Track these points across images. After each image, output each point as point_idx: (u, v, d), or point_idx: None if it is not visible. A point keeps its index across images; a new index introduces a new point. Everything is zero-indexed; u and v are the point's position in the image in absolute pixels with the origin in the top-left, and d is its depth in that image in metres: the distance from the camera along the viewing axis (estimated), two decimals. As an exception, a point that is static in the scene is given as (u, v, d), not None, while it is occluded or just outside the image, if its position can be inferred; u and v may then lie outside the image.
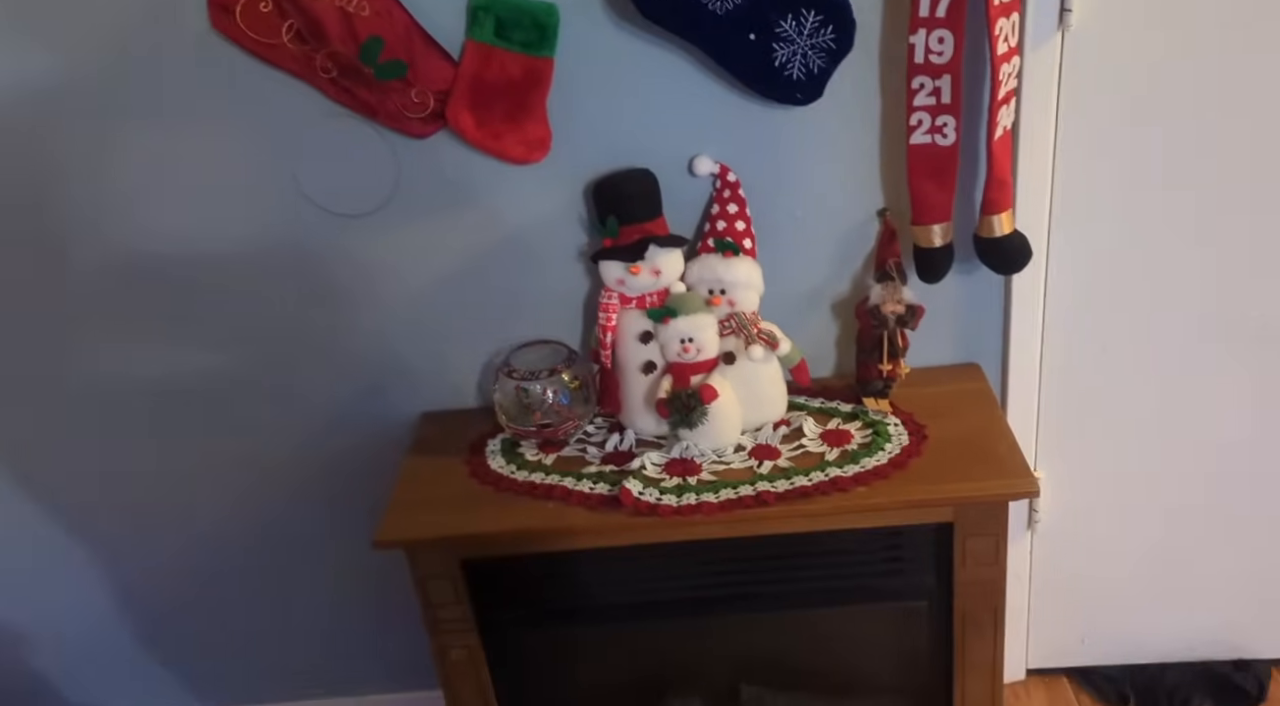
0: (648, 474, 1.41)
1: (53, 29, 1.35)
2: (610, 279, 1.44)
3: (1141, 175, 1.44)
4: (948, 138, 1.32)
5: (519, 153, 1.39)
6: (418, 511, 1.42)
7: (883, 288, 1.45)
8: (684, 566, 1.46)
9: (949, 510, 1.35)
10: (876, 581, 1.46)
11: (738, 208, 1.43)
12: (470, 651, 1.49)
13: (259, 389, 1.62)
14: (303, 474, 1.70)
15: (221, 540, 1.77)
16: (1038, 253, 1.47)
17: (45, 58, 1.37)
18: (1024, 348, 1.56)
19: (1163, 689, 1.80)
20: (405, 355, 1.59)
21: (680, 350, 1.42)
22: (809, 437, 1.45)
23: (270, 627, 1.87)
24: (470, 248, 1.50)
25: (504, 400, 1.49)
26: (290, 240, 1.50)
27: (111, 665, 1.91)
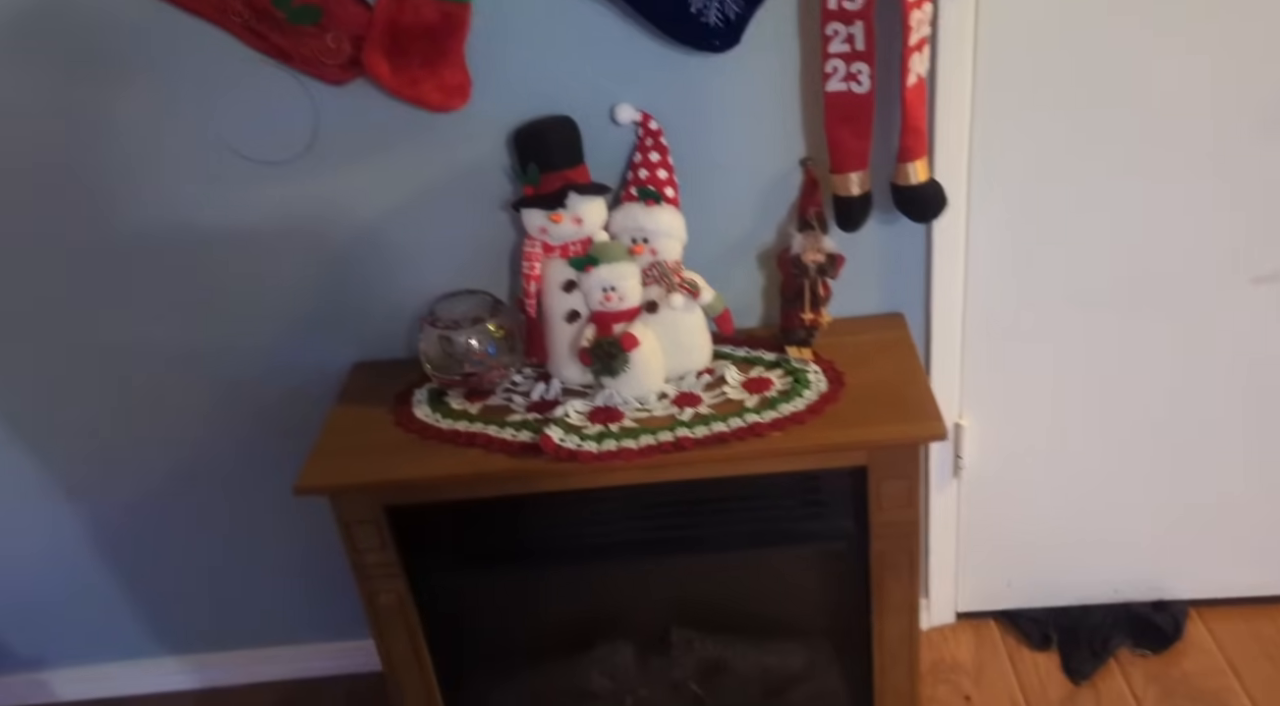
0: (571, 421, 1.42)
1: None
2: (532, 227, 1.44)
3: (1062, 126, 1.45)
4: (862, 85, 1.32)
5: (437, 99, 1.38)
6: (341, 458, 1.43)
7: (804, 237, 1.46)
8: (609, 512, 1.48)
9: (863, 454, 1.37)
10: (797, 525, 1.48)
11: (660, 156, 1.43)
12: (399, 596, 1.51)
13: (191, 338, 1.62)
14: (236, 424, 1.70)
15: (158, 493, 1.78)
16: (958, 203, 1.48)
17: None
18: (946, 297, 1.58)
19: (1084, 629, 1.85)
20: (335, 305, 1.59)
21: (602, 299, 1.43)
22: (731, 385, 1.47)
23: (208, 577, 1.88)
24: (394, 196, 1.50)
25: (429, 349, 1.49)
26: (212, 189, 1.49)
27: (47, 618, 1.92)
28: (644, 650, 1.69)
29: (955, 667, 1.84)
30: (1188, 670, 1.77)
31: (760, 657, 1.68)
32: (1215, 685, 1.74)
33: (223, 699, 1.96)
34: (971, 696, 1.78)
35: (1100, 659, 1.80)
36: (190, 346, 1.63)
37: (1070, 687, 1.77)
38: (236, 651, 1.96)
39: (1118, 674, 1.78)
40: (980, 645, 1.88)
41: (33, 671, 1.97)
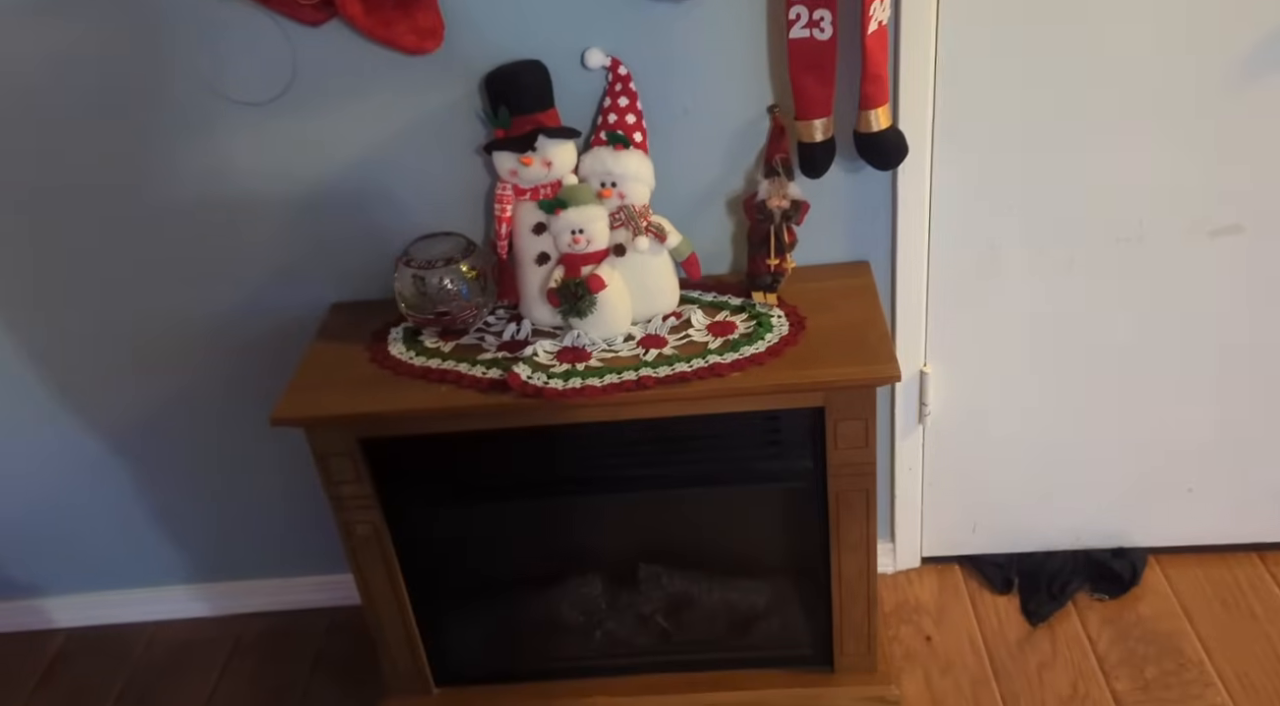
0: (539, 360, 1.47)
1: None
2: (503, 170, 1.47)
3: (1025, 76, 1.47)
4: (825, 32, 1.35)
5: (411, 42, 1.41)
6: (317, 392, 1.48)
7: (769, 183, 1.49)
8: (579, 450, 1.53)
9: (820, 396, 1.41)
10: (758, 464, 1.52)
11: (629, 101, 1.46)
12: (375, 528, 1.56)
13: (176, 277, 1.67)
14: (222, 361, 1.75)
15: (151, 428, 1.83)
16: (922, 151, 1.51)
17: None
18: (911, 245, 1.61)
19: (1045, 574, 1.90)
20: (314, 246, 1.64)
21: (571, 241, 1.46)
22: (696, 328, 1.51)
23: (198, 511, 1.94)
24: (371, 138, 1.53)
25: (403, 289, 1.53)
26: (194, 130, 1.53)
27: (44, 547, 1.98)
28: (613, 584, 1.75)
29: (918, 609, 1.90)
30: (1142, 613, 1.82)
31: (725, 594, 1.74)
32: (1168, 628, 1.79)
33: (211, 627, 2.03)
34: (932, 636, 1.84)
35: (1059, 602, 1.85)
36: (175, 285, 1.68)
37: (1028, 629, 1.83)
38: (224, 583, 2.03)
39: (1074, 617, 1.83)
40: (943, 588, 1.93)
41: (30, 598, 2.04)
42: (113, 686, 1.93)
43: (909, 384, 1.76)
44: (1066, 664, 1.75)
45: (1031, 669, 1.75)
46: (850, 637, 1.65)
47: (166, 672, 1.95)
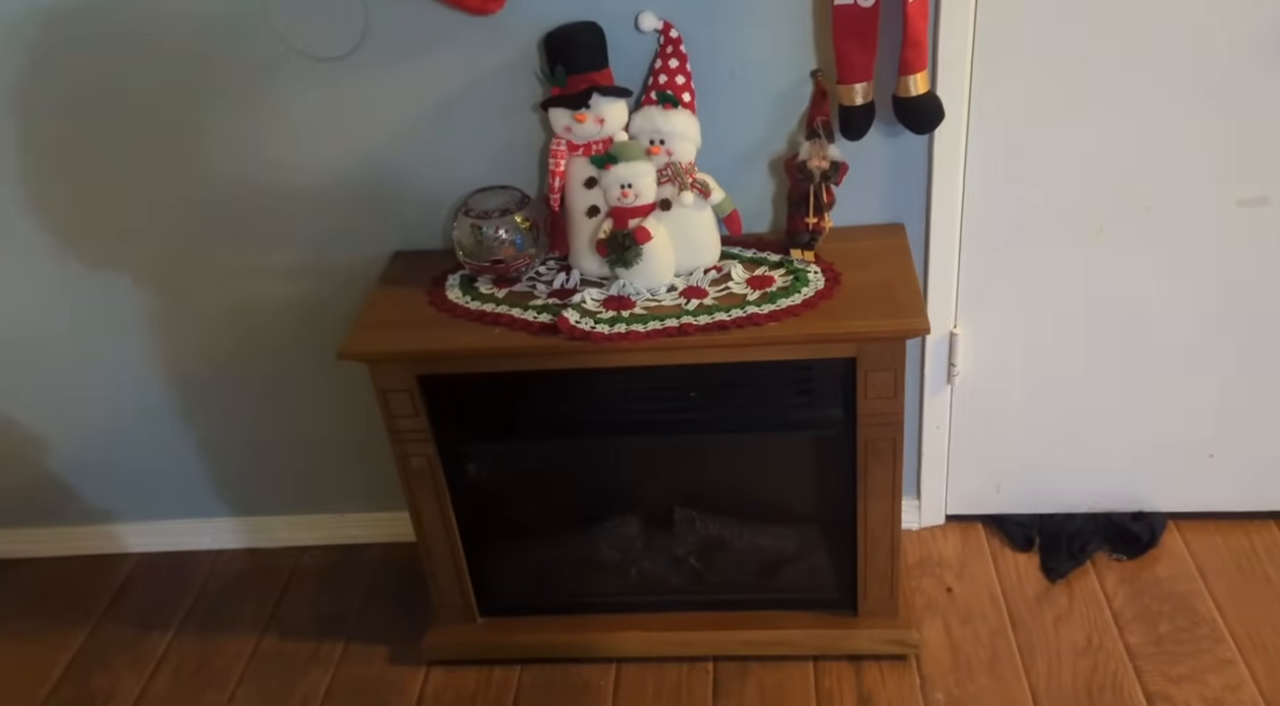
0: (586, 307, 1.56)
1: None
2: (558, 126, 1.56)
3: (1060, 47, 1.53)
4: (868, 0, 1.42)
5: (476, 4, 1.49)
6: (379, 331, 1.58)
7: (811, 144, 1.56)
8: (621, 393, 1.62)
9: (852, 346, 1.49)
10: (791, 413, 1.61)
11: (679, 63, 1.54)
12: (428, 460, 1.67)
13: (246, 224, 1.78)
14: (284, 307, 1.86)
15: (222, 365, 1.95)
16: (958, 116, 1.58)
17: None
18: (945, 209, 1.68)
19: (1065, 534, 1.96)
20: (378, 197, 1.73)
21: (620, 195, 1.55)
22: (735, 281, 1.59)
23: (262, 447, 2.06)
24: (434, 95, 1.63)
25: (462, 238, 1.63)
26: (267, 85, 1.63)
27: (119, 476, 2.12)
28: (649, 526, 1.84)
29: (940, 563, 1.97)
30: (1159, 574, 1.89)
31: (755, 538, 1.82)
32: (1184, 588, 1.85)
33: (269, 557, 2.16)
34: (953, 588, 1.92)
35: (1077, 560, 1.92)
36: (245, 231, 1.79)
37: (1046, 585, 1.90)
38: (283, 516, 2.15)
39: (1092, 574, 1.90)
40: (966, 544, 2.01)
41: (105, 524, 2.18)
42: (179, 608, 2.06)
43: (939, 344, 1.83)
44: (1082, 617, 1.82)
45: (1048, 621, 1.82)
46: (874, 582, 1.74)
47: (228, 598, 2.08)
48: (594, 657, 1.83)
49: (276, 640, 1.97)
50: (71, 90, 1.66)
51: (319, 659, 1.92)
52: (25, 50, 1.62)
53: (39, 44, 1.62)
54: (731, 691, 1.76)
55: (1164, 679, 1.69)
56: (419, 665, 1.86)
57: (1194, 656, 1.73)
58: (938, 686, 1.73)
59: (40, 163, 1.74)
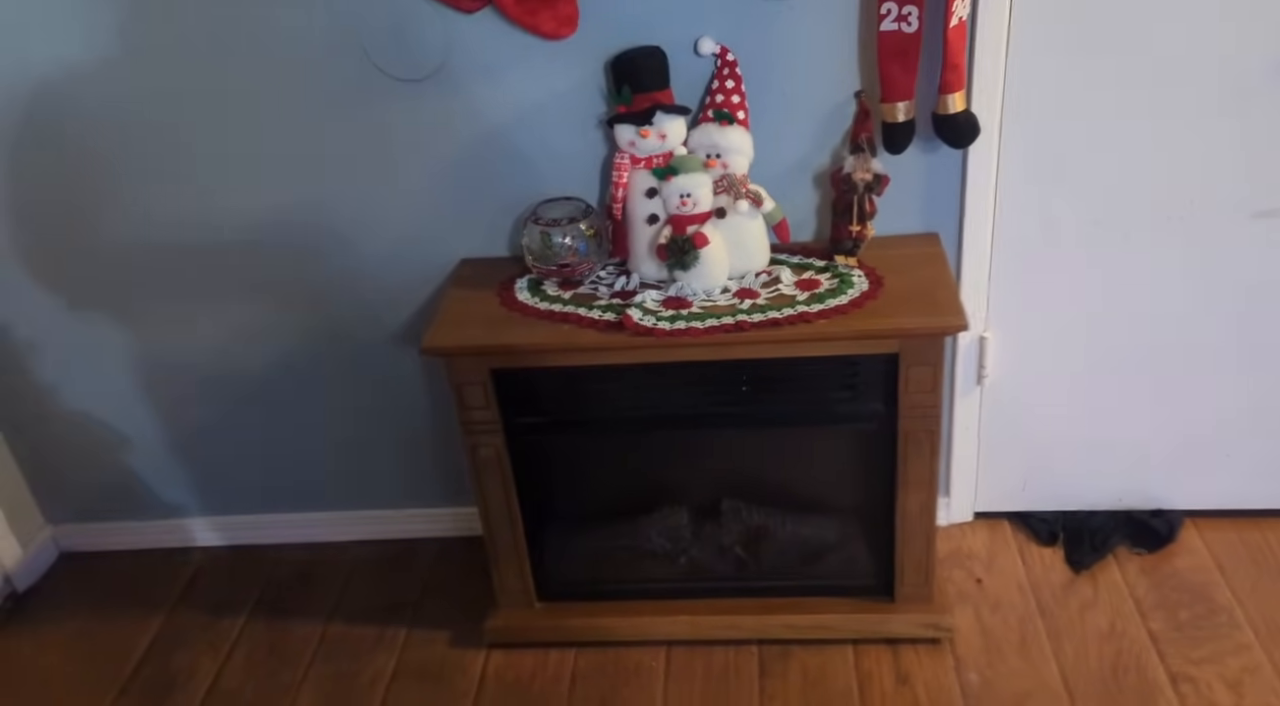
0: (648, 306, 1.69)
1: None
2: (623, 141, 1.70)
3: (1087, 67, 1.67)
4: (911, 25, 1.56)
5: (551, 28, 1.64)
6: (456, 328, 1.71)
7: (855, 158, 1.70)
8: (678, 387, 1.74)
9: (895, 343, 1.62)
10: (837, 406, 1.73)
11: (734, 83, 1.68)
12: (496, 450, 1.79)
13: (326, 228, 1.91)
14: (357, 308, 1.99)
15: (287, 366, 2.08)
16: (991, 133, 1.71)
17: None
18: (978, 219, 1.81)
19: (1088, 530, 2.08)
20: (452, 205, 1.87)
21: (679, 204, 1.68)
22: (785, 284, 1.72)
23: (326, 447, 2.18)
24: (507, 112, 1.76)
25: (531, 244, 1.77)
26: (354, 104, 1.77)
27: (187, 473, 2.24)
28: (698, 516, 1.96)
29: (970, 556, 2.08)
30: (1178, 567, 2.00)
31: (798, 528, 1.94)
32: (1201, 580, 1.96)
33: (331, 551, 2.27)
34: (983, 579, 2.03)
35: (1100, 554, 2.03)
36: (324, 235, 1.92)
37: (1071, 576, 2.01)
38: (345, 511, 2.27)
39: (1114, 567, 2.01)
40: (994, 539, 2.12)
41: (176, 518, 2.30)
42: (248, 597, 2.18)
43: (969, 348, 1.95)
44: (1106, 606, 1.93)
45: (1074, 609, 1.93)
46: (910, 569, 1.85)
47: (293, 588, 2.19)
48: (645, 641, 1.94)
49: (342, 626, 2.08)
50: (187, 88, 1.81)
51: (384, 643, 2.03)
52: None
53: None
54: (776, 672, 1.87)
55: (1185, 661, 1.80)
56: (479, 647, 1.97)
57: (1213, 641, 1.83)
58: (971, 667, 1.84)
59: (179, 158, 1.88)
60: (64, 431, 2.20)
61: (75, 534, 2.34)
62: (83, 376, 2.13)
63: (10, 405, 2.18)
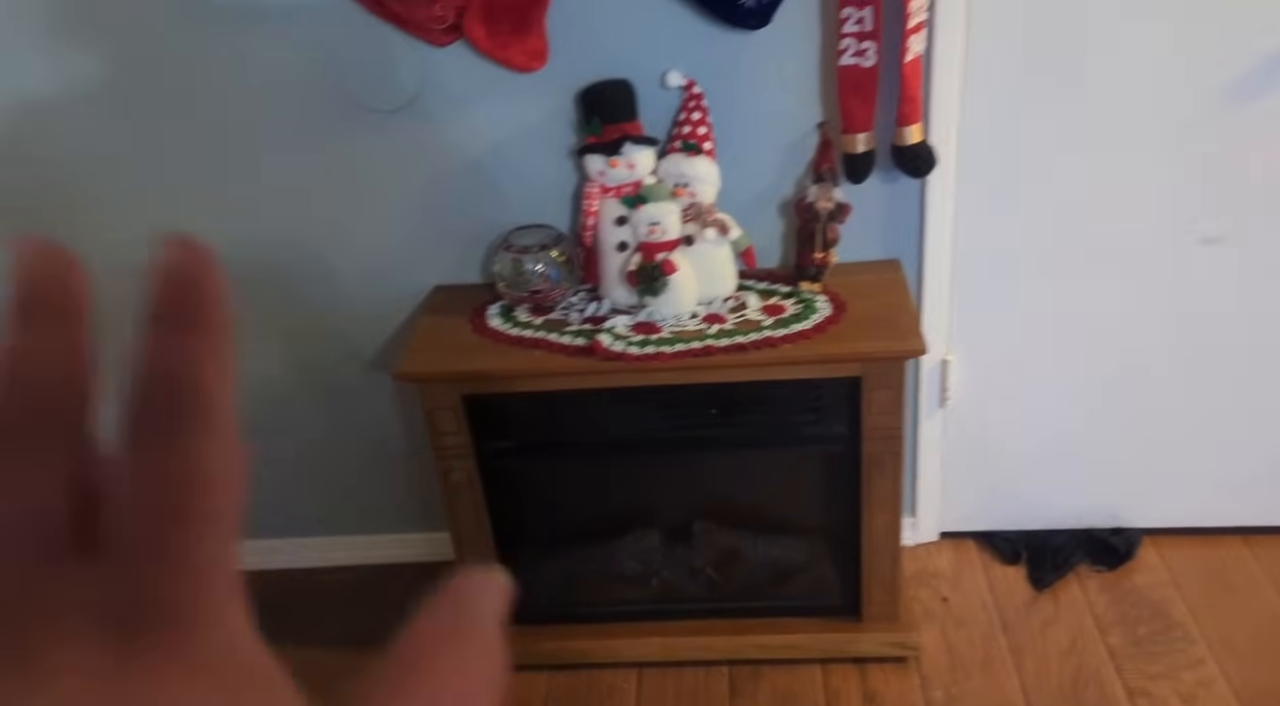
0: (618, 331, 1.73)
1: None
2: (593, 171, 1.74)
3: (1039, 100, 1.74)
4: (869, 60, 1.62)
5: (521, 61, 1.69)
6: (428, 355, 1.74)
7: (818, 187, 1.75)
8: (648, 411, 1.78)
9: (857, 366, 1.66)
10: (802, 429, 1.77)
11: (701, 115, 1.73)
12: (468, 475, 1.81)
13: (304, 256, 1.94)
14: (330, 335, 2.02)
15: (261, 395, 2.10)
16: (948, 163, 1.77)
17: None
18: (937, 246, 1.86)
19: (1050, 548, 2.12)
20: (425, 234, 1.90)
21: (648, 231, 1.72)
22: (751, 309, 1.76)
23: (300, 470, 2.20)
24: (480, 142, 1.81)
25: (503, 270, 1.80)
26: (329, 135, 1.81)
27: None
28: (669, 538, 1.99)
29: (936, 575, 2.13)
30: (1137, 583, 2.05)
31: (768, 549, 1.97)
32: (1159, 596, 2.02)
33: (304, 577, 2.28)
34: (949, 597, 2.07)
35: (1061, 572, 2.08)
36: (299, 263, 1.95)
37: (1034, 593, 2.05)
38: (318, 538, 2.28)
39: (1075, 584, 2.06)
40: (959, 558, 2.16)
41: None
42: (219, 623, 2.18)
43: (932, 371, 2.00)
44: (1067, 622, 1.98)
45: (1036, 626, 1.98)
46: (876, 588, 1.89)
47: (264, 615, 2.17)
48: (617, 663, 1.96)
49: (319, 652, 2.08)
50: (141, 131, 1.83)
51: (356, 668, 2.03)
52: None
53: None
54: (746, 692, 1.90)
55: (1142, 676, 1.85)
56: (452, 671, 1.98)
57: (1169, 656, 1.88)
58: (936, 685, 1.87)
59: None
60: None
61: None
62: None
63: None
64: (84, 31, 1.74)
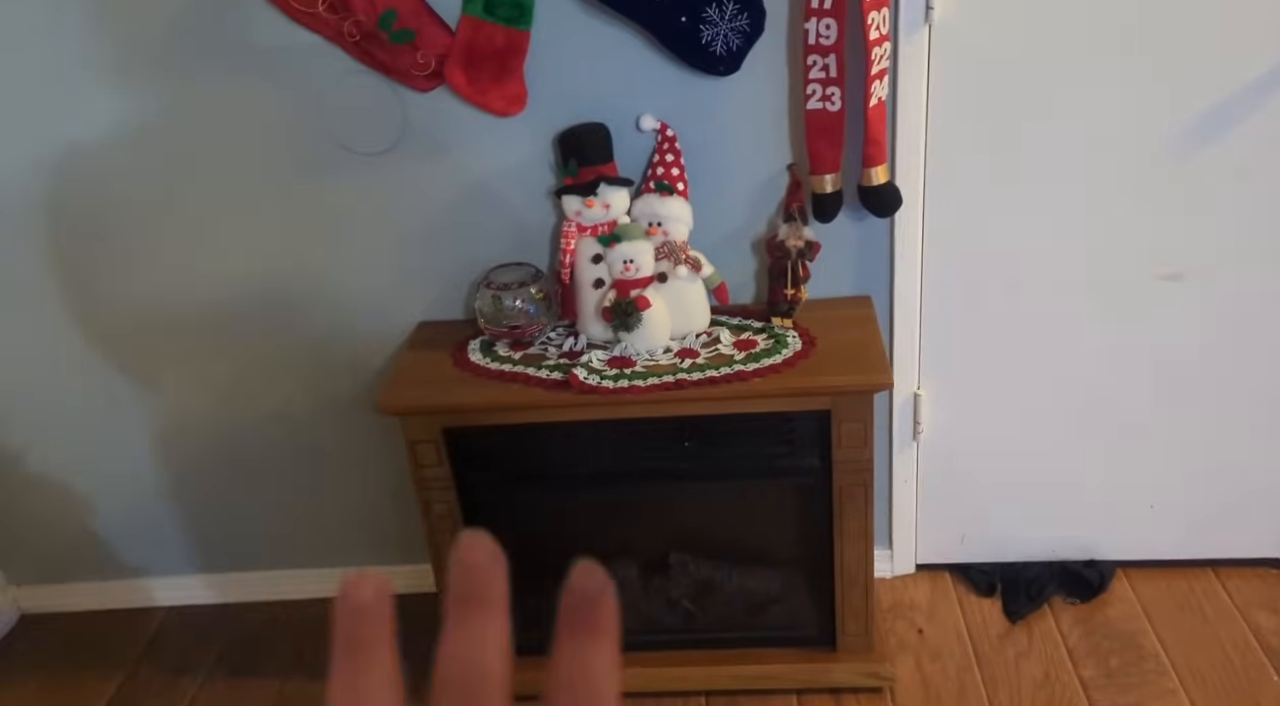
0: (593, 366, 1.77)
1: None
2: (570, 211, 1.80)
3: (1000, 142, 1.80)
4: (835, 105, 1.68)
5: (501, 106, 1.75)
6: (410, 388, 1.79)
7: (788, 226, 1.81)
8: (623, 444, 1.82)
9: (826, 399, 1.71)
10: (775, 461, 1.81)
11: (674, 157, 1.80)
12: (449, 506, 1.85)
13: (288, 298, 2.00)
14: (317, 373, 2.07)
15: (249, 429, 2.14)
16: (915, 202, 1.83)
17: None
18: (906, 283, 1.92)
19: (1024, 580, 2.15)
20: (409, 272, 1.96)
21: (623, 269, 1.78)
22: (724, 344, 1.81)
23: (282, 505, 2.24)
24: (461, 184, 1.87)
25: (483, 307, 1.86)
26: (318, 177, 1.87)
27: (149, 534, 2.29)
28: (646, 569, 2.02)
29: (912, 607, 2.15)
30: (1109, 616, 2.08)
31: (743, 580, 2.00)
32: (1131, 628, 2.04)
33: (291, 609, 2.31)
34: (924, 629, 2.09)
35: (1035, 603, 2.11)
36: (289, 301, 2.00)
37: (1008, 626, 2.08)
38: (303, 570, 2.31)
39: (1049, 616, 2.09)
40: (935, 590, 2.19)
41: (136, 578, 2.33)
42: (207, 656, 2.21)
43: (904, 405, 2.05)
44: (1041, 654, 2.00)
45: (1010, 658, 2.00)
46: (850, 619, 1.91)
47: (254, 647, 2.23)
48: (596, 693, 1.98)
49: (300, 683, 2.12)
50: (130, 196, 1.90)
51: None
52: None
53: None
54: (723, 723, 1.92)
55: (1114, 706, 1.87)
56: (433, 702, 2.01)
57: (1140, 687, 1.91)
58: (911, 716, 1.90)
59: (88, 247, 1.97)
60: (27, 494, 2.24)
61: (36, 595, 2.37)
62: (45, 442, 2.18)
63: (-26, 467, 2.23)
64: (115, 76, 1.81)
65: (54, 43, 1.78)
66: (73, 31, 1.77)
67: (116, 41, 1.77)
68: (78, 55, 1.79)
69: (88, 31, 1.77)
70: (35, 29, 1.77)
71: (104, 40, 1.77)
